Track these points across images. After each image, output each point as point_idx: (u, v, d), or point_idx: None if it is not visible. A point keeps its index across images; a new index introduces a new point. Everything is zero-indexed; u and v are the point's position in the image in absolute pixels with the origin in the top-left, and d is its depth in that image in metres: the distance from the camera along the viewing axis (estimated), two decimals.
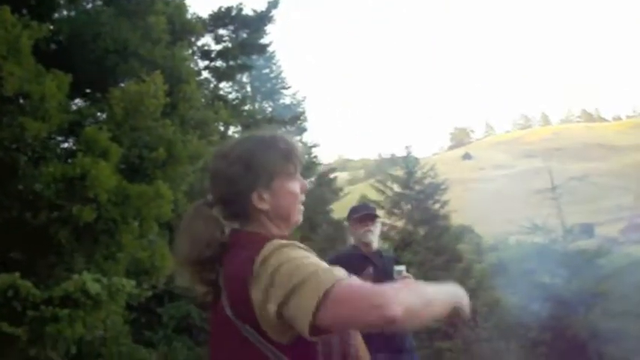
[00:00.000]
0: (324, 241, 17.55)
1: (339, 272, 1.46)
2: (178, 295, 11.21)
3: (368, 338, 1.91)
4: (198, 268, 1.72)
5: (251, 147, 1.77)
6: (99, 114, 9.08)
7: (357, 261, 4.22)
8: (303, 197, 1.83)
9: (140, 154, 8.02)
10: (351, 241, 4.52)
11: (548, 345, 12.82)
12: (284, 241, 1.58)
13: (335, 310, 1.39)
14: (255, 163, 1.73)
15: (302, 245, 1.60)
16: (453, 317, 1.72)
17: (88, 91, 10.12)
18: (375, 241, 4.33)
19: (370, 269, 4.11)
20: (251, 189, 1.72)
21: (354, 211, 4.42)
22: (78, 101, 10.18)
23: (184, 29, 10.50)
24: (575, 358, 11.49)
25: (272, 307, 1.48)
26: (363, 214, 4.33)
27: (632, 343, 13.39)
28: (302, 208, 1.82)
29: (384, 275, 4.07)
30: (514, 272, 20.31)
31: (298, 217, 1.82)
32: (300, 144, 1.85)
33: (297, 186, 1.79)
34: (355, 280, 1.46)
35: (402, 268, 4.01)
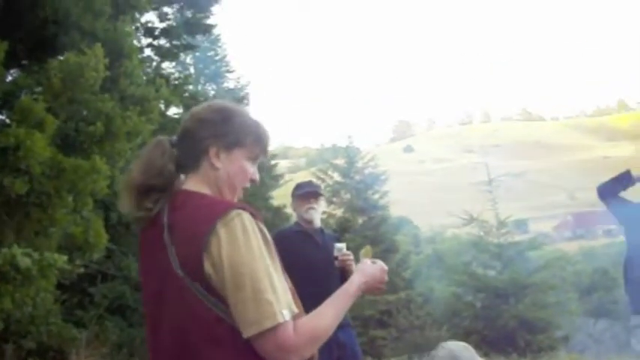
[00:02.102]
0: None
1: (278, 299, 1.56)
2: (112, 275, 11.02)
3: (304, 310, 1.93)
4: (142, 194, 1.74)
5: (237, 111, 1.84)
6: (35, 86, 8.79)
7: (300, 238, 4.24)
8: (247, 185, 1.87)
9: (77, 127, 7.81)
10: (294, 217, 4.52)
11: (479, 334, 13.13)
12: (245, 218, 1.61)
13: (264, 344, 1.55)
14: (232, 122, 1.78)
15: (255, 225, 1.62)
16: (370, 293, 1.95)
17: (24, 62, 9.78)
18: (317, 218, 4.34)
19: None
20: (214, 143, 1.76)
21: (298, 187, 4.41)
22: (14, 72, 9.85)
23: (128, 4, 10.23)
24: (505, 347, 11.78)
25: (218, 286, 1.57)
26: (307, 191, 4.33)
27: (559, 332, 13.86)
28: (241, 194, 1.86)
29: (325, 252, 4.10)
30: (449, 263, 20.73)
31: (239, 195, 1.85)
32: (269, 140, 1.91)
33: (251, 170, 1.84)
34: (283, 325, 1.55)
35: (343, 245, 4.10)
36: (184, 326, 1.63)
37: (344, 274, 4.08)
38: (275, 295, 1.54)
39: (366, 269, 1.90)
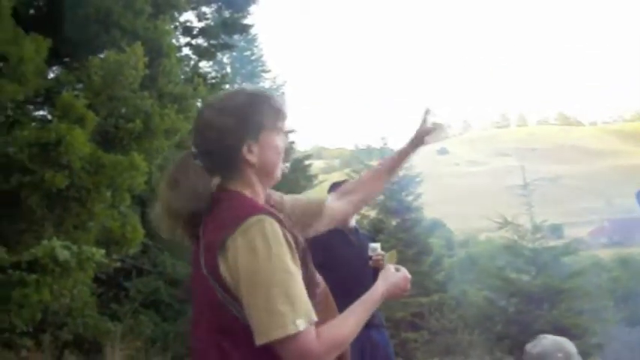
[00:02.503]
0: None
1: (293, 308, 1.56)
2: (147, 270, 11.17)
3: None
4: (186, 220, 1.73)
5: (243, 99, 1.78)
6: (76, 83, 8.97)
7: (335, 237, 4.26)
8: (282, 154, 1.84)
9: (116, 124, 7.95)
10: None
11: (512, 338, 12.98)
12: (266, 224, 1.59)
13: (286, 350, 1.56)
14: (247, 115, 1.75)
15: (277, 231, 1.60)
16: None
17: (66, 59, 9.99)
18: (352, 217, 4.37)
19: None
20: (242, 141, 1.73)
21: (333, 187, 4.44)
22: (55, 69, 10.06)
23: (167, 3, 10.39)
24: None
25: (234, 289, 1.59)
26: None
27: (593, 339, 13.65)
28: (282, 165, 1.85)
29: (359, 251, 4.13)
30: (482, 267, 20.54)
31: (279, 173, 1.84)
32: (286, 102, 1.89)
33: (282, 142, 1.82)
34: (301, 334, 1.55)
35: (377, 245, 4.13)
36: (209, 324, 1.67)
37: (376, 274, 4.10)
38: (290, 305, 1.54)
39: (390, 277, 1.91)
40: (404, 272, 1.94)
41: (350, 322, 1.70)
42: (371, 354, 3.99)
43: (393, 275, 1.92)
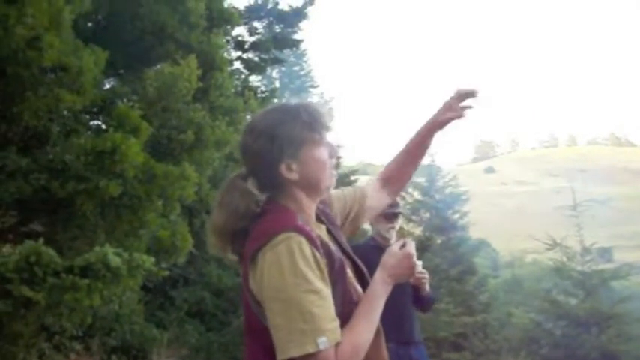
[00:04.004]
0: None
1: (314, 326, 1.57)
2: (193, 280, 11.32)
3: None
4: (231, 239, 1.79)
5: (274, 119, 1.79)
6: (131, 94, 9.20)
7: (376, 253, 4.28)
8: (334, 162, 1.85)
9: (169, 135, 8.12)
10: (371, 231, 4.60)
11: None
12: (293, 241, 1.61)
13: None
14: (279, 135, 1.75)
15: (305, 250, 1.62)
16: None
17: (121, 71, 10.24)
18: (394, 236, 4.42)
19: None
20: (278, 161, 1.75)
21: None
22: (111, 80, 10.32)
23: (221, 17, 10.58)
24: None
25: (261, 302, 1.64)
26: (393, 212, 4.40)
27: None
28: (334, 172, 1.86)
29: None
30: (529, 289, 20.22)
31: (329, 182, 1.85)
32: (326, 109, 1.87)
33: (325, 152, 1.81)
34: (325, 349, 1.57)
35: (419, 263, 4.08)
36: (248, 331, 1.75)
37: (416, 292, 4.15)
38: (311, 324, 1.55)
39: (387, 262, 1.84)
40: (405, 250, 1.84)
41: (363, 326, 1.69)
42: None
43: (391, 258, 1.84)
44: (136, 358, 8.47)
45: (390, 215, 4.36)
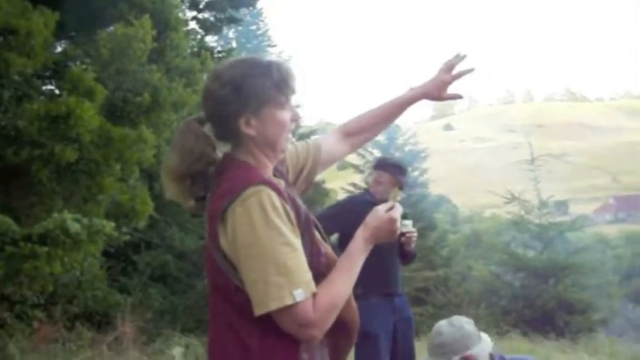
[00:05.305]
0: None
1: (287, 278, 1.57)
2: (156, 244, 11.25)
3: (366, 282, 1.99)
4: (187, 182, 1.75)
5: (244, 71, 1.74)
6: (84, 57, 8.97)
7: (368, 209, 4.27)
8: (293, 126, 1.83)
9: (125, 97, 7.95)
10: (369, 181, 4.62)
11: (518, 313, 13.07)
12: (263, 195, 1.60)
13: (283, 321, 1.59)
14: (245, 88, 1.71)
15: (275, 202, 1.61)
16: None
17: (73, 34, 9.96)
18: (389, 192, 4.45)
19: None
20: (239, 113, 1.71)
21: (399, 171, 4.45)
22: (63, 43, 10.04)
23: None
24: (543, 327, 11.73)
25: (234, 260, 1.61)
26: (402, 184, 4.38)
27: (597, 315, 13.73)
28: (290, 136, 1.83)
29: None
30: (488, 243, 20.64)
31: (285, 146, 1.82)
32: (294, 72, 1.82)
33: (287, 115, 1.78)
34: (298, 303, 1.57)
35: (409, 222, 4.21)
36: (216, 292, 1.71)
37: (402, 250, 4.23)
38: (287, 276, 1.55)
39: (371, 222, 1.80)
40: (390, 214, 1.80)
41: (342, 280, 1.68)
42: (394, 319, 4.23)
43: (375, 219, 1.80)
44: (100, 324, 8.42)
45: (398, 183, 4.34)
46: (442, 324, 2.74)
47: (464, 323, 2.71)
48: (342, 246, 3.85)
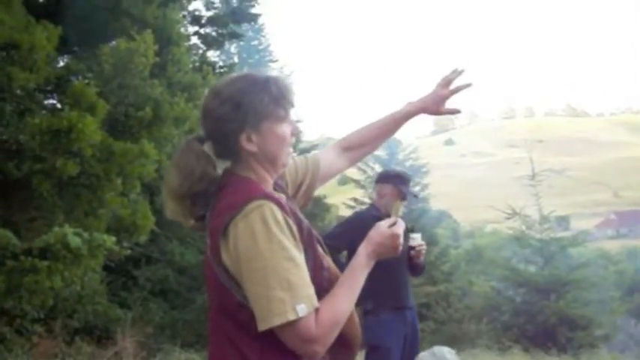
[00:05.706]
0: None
1: (292, 293, 1.56)
2: (156, 258, 11.22)
3: (376, 297, 1.97)
4: (188, 202, 1.74)
5: (242, 87, 1.74)
6: (87, 71, 9.01)
7: (374, 222, 4.27)
8: (293, 140, 1.83)
9: (126, 112, 7.98)
10: (373, 196, 4.67)
11: (519, 328, 13.02)
12: (266, 209, 1.59)
13: (286, 337, 1.58)
14: (244, 104, 1.71)
15: (277, 217, 1.60)
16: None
17: (76, 48, 10.02)
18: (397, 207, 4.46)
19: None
20: (240, 130, 1.71)
21: (401, 180, 4.47)
22: (65, 58, 10.09)
23: None
24: (544, 342, 11.68)
25: (236, 275, 1.60)
26: (404, 194, 4.40)
27: (599, 331, 13.66)
28: (291, 150, 1.83)
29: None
30: (489, 258, 20.55)
31: (286, 161, 1.82)
32: (292, 86, 1.83)
33: (287, 129, 1.79)
34: (301, 319, 1.56)
35: (417, 235, 4.25)
36: (217, 308, 1.70)
37: (411, 263, 4.25)
38: (289, 291, 1.54)
39: (373, 237, 1.79)
40: (392, 229, 1.80)
41: (344, 296, 1.68)
42: (405, 331, 4.27)
43: (378, 234, 1.80)
44: (100, 339, 8.39)
45: (404, 196, 4.35)
46: (424, 355, 2.75)
47: (445, 353, 2.72)
48: None
